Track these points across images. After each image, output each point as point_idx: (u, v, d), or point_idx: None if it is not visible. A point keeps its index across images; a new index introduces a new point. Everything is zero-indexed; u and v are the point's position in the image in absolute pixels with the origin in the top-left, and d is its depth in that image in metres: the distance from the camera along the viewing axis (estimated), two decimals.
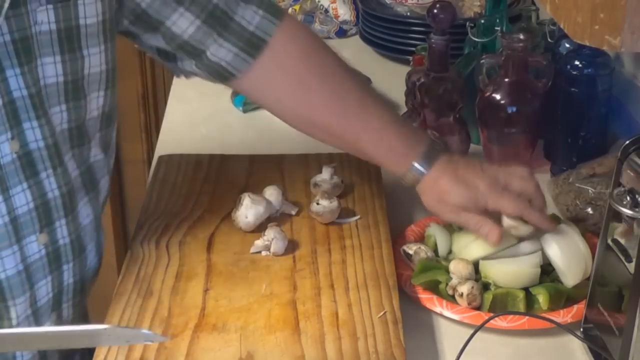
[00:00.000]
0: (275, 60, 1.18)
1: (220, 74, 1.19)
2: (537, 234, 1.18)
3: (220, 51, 1.16)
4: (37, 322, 1.07)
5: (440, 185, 1.18)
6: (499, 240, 1.15)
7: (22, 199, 1.01)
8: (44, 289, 1.07)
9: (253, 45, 1.16)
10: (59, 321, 1.11)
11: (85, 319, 1.21)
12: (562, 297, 1.15)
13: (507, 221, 1.17)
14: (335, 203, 1.24)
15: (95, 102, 1.09)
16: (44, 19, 0.99)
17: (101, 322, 1.07)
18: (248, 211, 1.22)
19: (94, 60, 1.06)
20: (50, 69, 1.02)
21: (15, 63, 0.98)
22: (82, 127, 1.08)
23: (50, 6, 0.99)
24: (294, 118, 1.24)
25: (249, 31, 1.16)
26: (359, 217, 1.26)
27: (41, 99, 1.01)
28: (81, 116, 1.07)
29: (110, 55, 1.08)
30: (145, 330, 0.95)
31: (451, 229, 1.27)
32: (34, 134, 1.01)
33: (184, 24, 1.13)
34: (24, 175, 1.01)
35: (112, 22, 1.08)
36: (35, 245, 1.04)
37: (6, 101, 0.98)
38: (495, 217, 1.17)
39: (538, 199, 1.18)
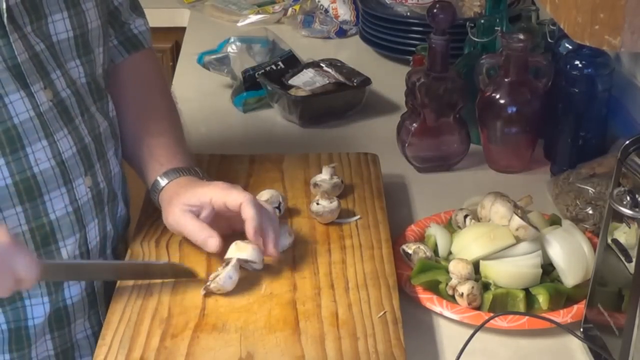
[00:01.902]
0: (133, 68, 1.30)
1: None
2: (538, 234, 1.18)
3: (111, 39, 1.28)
4: None
5: (173, 192, 1.19)
6: (217, 250, 1.13)
7: (66, 143, 1.10)
8: (93, 232, 1.15)
9: (132, 44, 1.31)
10: None
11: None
12: (562, 297, 1.15)
13: (515, 222, 1.17)
14: (335, 203, 1.24)
15: (100, 58, 1.19)
16: None
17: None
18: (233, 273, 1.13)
19: (92, 14, 1.16)
20: (60, 25, 1.11)
21: (27, 21, 1.06)
22: (98, 82, 1.18)
23: None
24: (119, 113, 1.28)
25: (134, 33, 1.31)
26: (359, 217, 1.26)
27: (56, 52, 1.10)
28: (94, 71, 1.17)
29: (100, 10, 1.18)
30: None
31: (451, 229, 1.27)
32: (60, 83, 1.10)
33: (93, 15, 1.19)
34: (62, 121, 1.10)
35: None
36: (83, 188, 1.12)
37: (31, 54, 1.07)
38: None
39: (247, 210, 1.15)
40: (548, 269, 1.18)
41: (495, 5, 1.54)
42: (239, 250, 1.13)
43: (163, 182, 1.22)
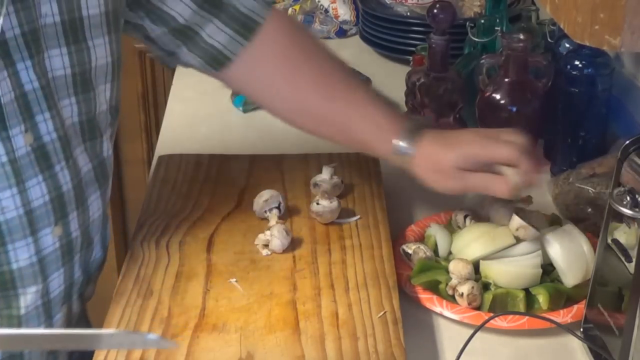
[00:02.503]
0: (266, 45, 1.21)
1: (215, 59, 1.21)
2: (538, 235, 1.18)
3: (215, 34, 1.18)
4: (48, 313, 1.07)
5: (433, 154, 1.18)
6: (512, 193, 1.15)
7: (38, 191, 1.02)
8: (57, 281, 1.07)
9: (247, 27, 1.19)
10: (69, 313, 1.12)
11: (86, 318, 1.22)
12: (562, 297, 1.15)
13: (515, 222, 1.17)
14: (335, 203, 1.24)
15: (104, 95, 1.10)
16: (48, 11, 1.00)
17: (101, 321, 1.08)
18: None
19: (100, 51, 1.07)
20: (58, 61, 1.02)
21: (25, 56, 0.98)
22: (94, 121, 1.09)
23: None
24: (285, 105, 1.25)
25: (243, 13, 1.18)
26: (359, 217, 1.26)
27: (51, 91, 1.02)
28: (91, 109, 1.08)
29: (115, 46, 1.09)
30: (151, 335, 0.95)
31: (451, 229, 1.27)
32: (46, 126, 1.01)
33: (179, 7, 1.16)
34: (38, 167, 1.02)
35: (117, 13, 1.09)
36: (50, 238, 1.05)
37: (18, 94, 0.98)
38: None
39: (528, 152, 1.17)
40: (548, 269, 1.18)
41: (495, 5, 1.54)
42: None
43: (410, 149, 1.18)
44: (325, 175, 1.31)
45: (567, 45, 1.47)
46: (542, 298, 1.13)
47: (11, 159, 0.99)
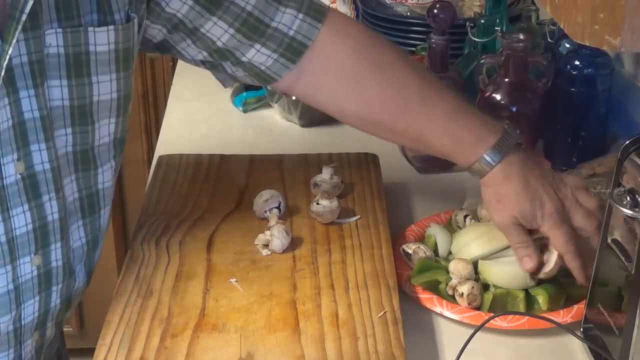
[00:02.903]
0: (324, 62, 1.16)
1: (261, 77, 1.17)
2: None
3: (258, 57, 1.15)
4: (18, 339, 1.05)
5: (507, 186, 1.12)
6: (530, 271, 1.13)
7: (22, 220, 1.00)
8: (31, 309, 1.05)
9: (293, 50, 1.14)
10: (41, 339, 1.09)
11: (61, 335, 1.21)
12: (562, 298, 1.15)
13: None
14: (335, 203, 1.24)
15: (107, 129, 1.07)
16: (53, 42, 0.98)
17: (101, 321, 1.08)
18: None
19: (104, 87, 1.04)
20: (56, 92, 1.00)
21: (30, 84, 0.97)
22: (89, 153, 1.07)
23: (60, 30, 0.98)
24: (353, 118, 1.20)
25: (289, 36, 1.13)
26: (358, 217, 1.26)
27: (50, 122, 1.00)
28: (88, 141, 1.06)
29: (123, 83, 1.06)
30: None
31: (451, 229, 1.27)
32: (40, 156, 1.00)
33: (218, 32, 1.12)
34: (26, 197, 1.00)
35: (128, 52, 1.06)
36: (28, 266, 1.02)
37: (16, 122, 0.97)
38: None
39: (593, 241, 1.11)
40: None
41: (495, 5, 1.54)
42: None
43: (492, 162, 1.11)
44: (325, 175, 1.31)
45: (567, 45, 1.47)
46: (541, 299, 1.13)
47: None
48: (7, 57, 0.92)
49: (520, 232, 1.12)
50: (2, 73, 0.93)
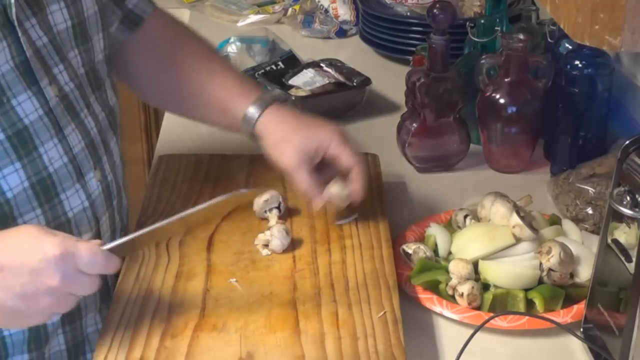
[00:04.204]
0: (147, 37, 1.31)
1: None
2: (537, 236, 1.18)
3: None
4: None
5: (284, 124, 1.24)
6: (316, 209, 1.22)
7: (74, 138, 1.09)
8: (105, 226, 1.14)
9: (131, 20, 1.29)
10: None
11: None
12: (559, 298, 1.15)
13: (513, 219, 1.17)
14: (347, 191, 1.23)
15: (99, 45, 1.17)
16: None
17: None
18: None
19: (88, 1, 1.14)
20: (58, 15, 1.09)
21: (29, 14, 1.04)
22: (95, 70, 1.16)
23: None
24: (149, 88, 1.35)
25: (128, 8, 1.29)
26: (356, 215, 1.26)
27: (58, 45, 1.08)
28: (91, 59, 1.15)
29: None
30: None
31: (451, 229, 1.27)
32: (63, 77, 1.08)
33: None
34: (69, 116, 1.08)
35: None
36: (94, 182, 1.12)
37: (34, 49, 1.04)
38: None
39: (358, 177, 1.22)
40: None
41: (495, 5, 1.54)
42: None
43: (256, 112, 1.24)
44: (337, 190, 1.27)
45: (567, 45, 1.47)
46: (537, 301, 1.13)
47: (46, 111, 1.05)
48: None
49: (304, 172, 1.21)
50: (13, 9, 1.00)
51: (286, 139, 1.22)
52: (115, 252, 0.98)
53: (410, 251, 1.21)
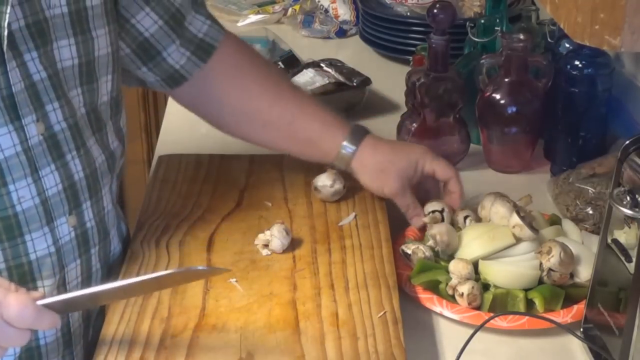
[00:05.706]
0: (220, 64, 1.28)
1: (173, 78, 1.27)
2: (537, 236, 1.18)
3: (175, 53, 1.24)
4: None
5: (380, 154, 1.28)
6: (417, 226, 1.27)
7: (52, 180, 1.04)
8: (74, 272, 1.08)
9: (204, 50, 1.26)
10: (86, 310, 1.12)
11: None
12: (559, 298, 1.14)
13: (513, 219, 1.17)
14: (338, 186, 1.27)
15: (105, 87, 1.13)
16: (56, 2, 1.04)
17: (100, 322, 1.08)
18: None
19: (102, 42, 1.10)
20: (66, 51, 1.05)
21: (31, 47, 1.01)
22: (97, 112, 1.12)
23: None
24: (232, 117, 1.31)
25: (199, 38, 1.26)
26: (354, 214, 1.26)
27: (60, 81, 1.04)
28: (94, 100, 1.11)
29: (113, 37, 1.13)
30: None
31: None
32: (56, 115, 1.04)
33: (147, 22, 1.21)
34: (51, 157, 1.04)
35: (113, 4, 1.14)
36: (65, 227, 1.06)
37: (28, 84, 1.01)
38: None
39: (454, 184, 1.30)
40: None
41: (495, 5, 1.54)
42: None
43: (351, 147, 1.27)
44: (327, 181, 1.29)
45: (567, 45, 1.47)
46: (537, 301, 1.13)
47: (25, 148, 1.01)
48: (7, 17, 0.97)
49: (408, 194, 1.27)
50: (5, 33, 0.96)
51: (385, 170, 1.27)
52: (56, 308, 0.91)
53: (409, 251, 1.21)
